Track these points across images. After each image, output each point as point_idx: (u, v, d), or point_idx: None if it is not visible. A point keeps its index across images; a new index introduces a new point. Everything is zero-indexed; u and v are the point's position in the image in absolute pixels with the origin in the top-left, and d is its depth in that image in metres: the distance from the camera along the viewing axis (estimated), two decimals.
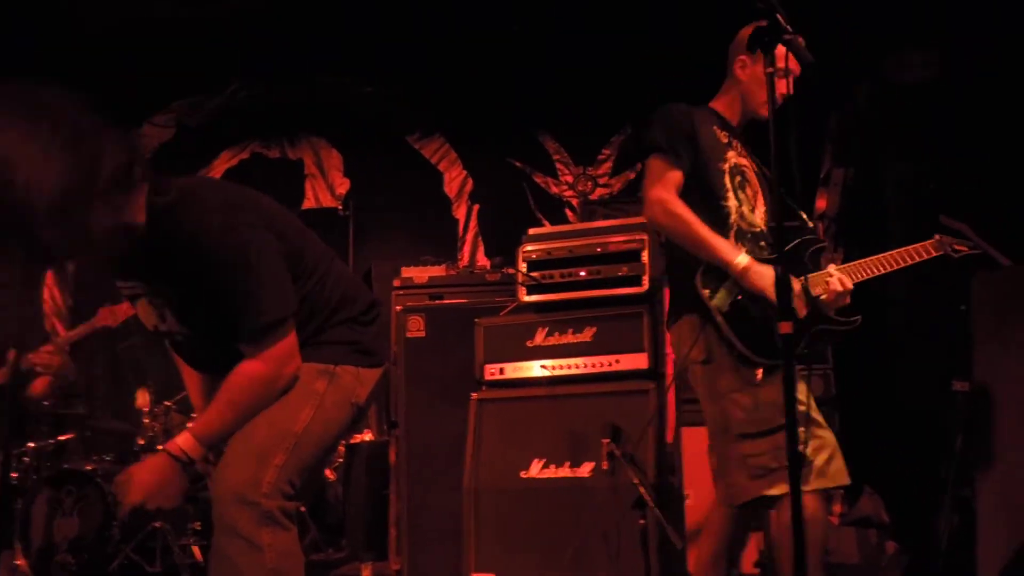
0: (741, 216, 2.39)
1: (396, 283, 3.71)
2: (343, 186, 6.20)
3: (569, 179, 6.01)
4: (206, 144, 6.22)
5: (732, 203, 2.40)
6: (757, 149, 2.54)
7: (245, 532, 1.73)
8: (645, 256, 2.84)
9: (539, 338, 2.93)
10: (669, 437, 2.80)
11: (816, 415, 2.31)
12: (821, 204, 4.37)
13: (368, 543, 3.86)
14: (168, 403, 4.37)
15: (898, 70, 4.31)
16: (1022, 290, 2.99)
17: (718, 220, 2.32)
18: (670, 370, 2.82)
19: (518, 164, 6.02)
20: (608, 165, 5.97)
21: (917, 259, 2.49)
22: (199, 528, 4.10)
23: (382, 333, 2.09)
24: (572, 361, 2.87)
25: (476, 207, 6.07)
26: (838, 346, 3.42)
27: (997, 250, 2.75)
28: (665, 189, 2.31)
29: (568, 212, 5.94)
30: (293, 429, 1.82)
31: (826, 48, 2.47)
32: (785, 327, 1.69)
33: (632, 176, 5.91)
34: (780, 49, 2.46)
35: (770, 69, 1.75)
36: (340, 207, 5.76)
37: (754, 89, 2.45)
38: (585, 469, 2.73)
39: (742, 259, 2.25)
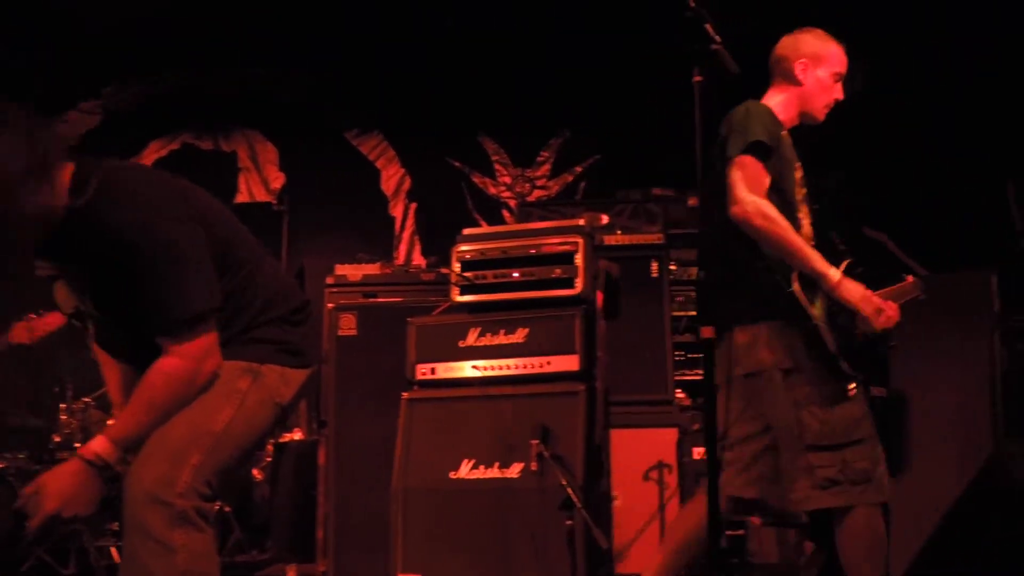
0: (806, 228, 2.42)
1: (329, 280, 3.66)
2: (278, 180, 6.09)
3: (507, 180, 6.02)
4: (135, 133, 6.03)
5: (802, 214, 2.42)
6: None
7: (157, 533, 1.68)
8: (579, 259, 2.85)
9: (471, 338, 2.92)
10: (598, 439, 2.82)
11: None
12: None
13: (294, 544, 3.79)
14: (87, 399, 4.22)
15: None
16: (937, 300, 3.11)
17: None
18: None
19: (457, 164, 6.01)
20: (547, 168, 6.00)
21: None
22: (116, 529, 3.97)
23: (312, 334, 2.05)
24: (504, 362, 2.87)
25: (413, 206, 6.04)
26: None
27: (913, 260, 2.86)
28: (760, 191, 2.30)
29: (505, 213, 5.95)
30: (212, 428, 1.78)
31: (764, 60, 2.53)
32: (707, 331, 1.73)
33: (570, 179, 5.95)
34: (839, 54, 2.48)
35: (698, 79, 1.77)
36: (274, 202, 5.64)
37: (816, 93, 2.45)
38: (514, 470, 2.73)
39: (835, 272, 2.28)
